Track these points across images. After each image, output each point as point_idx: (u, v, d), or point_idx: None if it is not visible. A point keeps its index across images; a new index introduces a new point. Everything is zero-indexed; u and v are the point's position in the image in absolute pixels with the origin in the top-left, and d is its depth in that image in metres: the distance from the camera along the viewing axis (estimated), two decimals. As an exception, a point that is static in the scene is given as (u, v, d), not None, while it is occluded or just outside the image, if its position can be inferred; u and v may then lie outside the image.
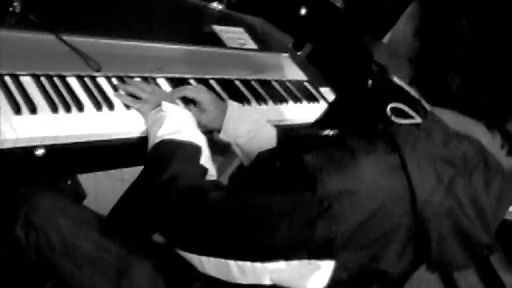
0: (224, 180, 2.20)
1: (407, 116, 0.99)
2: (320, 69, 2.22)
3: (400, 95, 1.02)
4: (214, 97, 1.50)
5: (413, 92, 1.02)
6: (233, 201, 1.04)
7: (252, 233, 1.00)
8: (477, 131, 1.01)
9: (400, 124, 0.98)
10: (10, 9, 1.41)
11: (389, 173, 0.94)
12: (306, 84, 2.05)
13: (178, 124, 1.29)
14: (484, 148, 0.99)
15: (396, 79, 1.04)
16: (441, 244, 0.98)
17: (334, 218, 0.93)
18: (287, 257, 0.98)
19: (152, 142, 1.27)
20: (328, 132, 1.06)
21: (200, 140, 1.27)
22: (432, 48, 0.99)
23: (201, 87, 1.52)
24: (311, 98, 1.97)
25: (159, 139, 1.25)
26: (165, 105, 1.34)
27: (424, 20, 1.02)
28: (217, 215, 1.05)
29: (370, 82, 1.09)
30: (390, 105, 1.00)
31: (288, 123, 1.78)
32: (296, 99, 1.91)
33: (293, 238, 0.96)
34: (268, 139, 1.48)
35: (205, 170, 1.20)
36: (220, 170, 2.26)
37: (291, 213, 0.95)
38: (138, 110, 1.38)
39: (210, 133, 1.45)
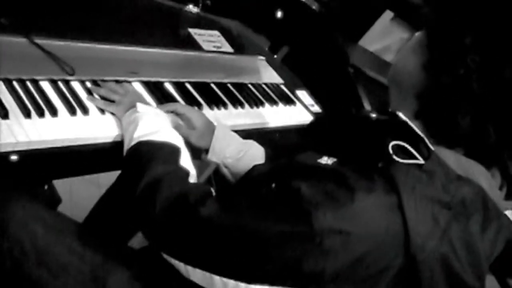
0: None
1: (409, 154, 0.97)
2: (297, 71, 2.22)
3: (404, 131, 1.00)
4: (204, 116, 1.49)
5: (417, 129, 1.00)
6: (224, 220, 1.01)
7: (239, 255, 0.98)
8: (478, 174, 1.00)
9: (402, 164, 0.96)
10: (-19, 12, 1.38)
11: (385, 214, 0.93)
12: (282, 87, 2.04)
13: (154, 125, 1.26)
14: (484, 192, 0.98)
15: (400, 114, 1.02)
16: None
17: (324, 254, 0.91)
18: (273, 282, 0.96)
19: (128, 144, 1.24)
20: (326, 160, 1.04)
21: (178, 140, 1.25)
22: (443, 83, 0.97)
23: (191, 107, 1.51)
24: (288, 101, 1.96)
25: (136, 141, 1.22)
26: (139, 106, 1.32)
27: (432, 53, 1.00)
28: (206, 231, 1.02)
29: (374, 115, 1.08)
30: (392, 143, 0.98)
31: (265, 126, 1.78)
32: (273, 102, 1.90)
33: (281, 267, 0.94)
34: (256, 159, 1.46)
35: (187, 172, 1.17)
36: (197, 173, 2.25)
37: (281, 244, 0.94)
38: (112, 112, 1.36)
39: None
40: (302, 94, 2.07)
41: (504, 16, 0.96)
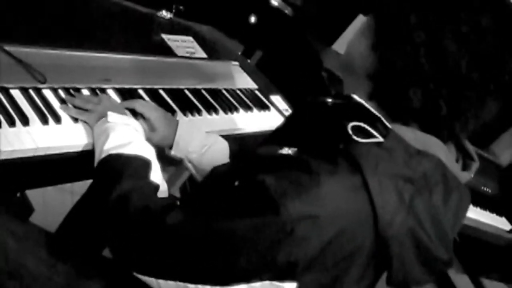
0: (175, 191, 2.18)
1: (369, 134, 0.98)
2: (270, 76, 2.22)
3: (361, 112, 1.01)
4: (164, 114, 1.46)
5: (373, 109, 1.01)
6: (192, 225, 1.00)
7: (212, 258, 0.98)
8: (436, 147, 1.01)
9: (362, 143, 0.97)
10: (-51, 19, 1.35)
11: (352, 194, 0.94)
12: (256, 92, 2.04)
13: (124, 137, 1.24)
14: (443, 164, 1.00)
15: (355, 97, 1.04)
16: (402, 263, 0.98)
17: (296, 242, 0.92)
18: (249, 280, 0.96)
19: (98, 156, 1.22)
20: (287, 150, 1.03)
21: (149, 152, 1.23)
22: (391, 62, 0.99)
23: (151, 104, 1.49)
24: (262, 106, 1.96)
25: (106, 154, 1.20)
26: (111, 115, 1.29)
27: (380, 34, 1.02)
28: (175, 240, 1.01)
29: (330, 100, 1.08)
30: (351, 124, 0.99)
31: (240, 132, 1.77)
32: (247, 108, 1.89)
33: (255, 261, 0.94)
34: (220, 153, 1.46)
35: (155, 187, 1.15)
36: (171, 181, 2.23)
37: (253, 238, 0.93)
38: (85, 121, 1.34)
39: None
40: (276, 99, 2.07)
41: None
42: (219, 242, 0.97)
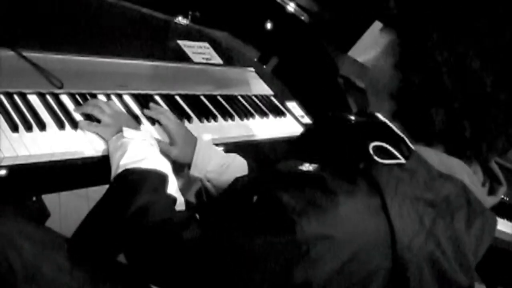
0: (191, 196, 2.18)
1: (390, 155, 0.96)
2: (286, 82, 2.21)
3: (384, 132, 0.99)
4: (185, 131, 1.48)
5: (396, 128, 0.99)
6: (208, 241, 1.00)
7: (227, 274, 0.97)
8: (460, 170, 0.99)
9: (383, 164, 0.95)
10: (-32, 25, 1.37)
11: (370, 216, 0.92)
12: (272, 98, 2.04)
13: (141, 151, 1.25)
14: (467, 188, 0.98)
15: (379, 115, 1.02)
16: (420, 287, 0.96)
17: (311, 263, 0.90)
18: None
19: (115, 171, 1.22)
20: (307, 167, 1.02)
21: (165, 166, 1.24)
22: (414, 81, 0.97)
23: (175, 119, 1.50)
24: (278, 113, 1.96)
25: (122, 168, 1.20)
26: (126, 131, 1.30)
27: (403, 53, 1.00)
28: (191, 255, 1.01)
29: (353, 117, 1.07)
30: (372, 144, 0.97)
31: (255, 138, 1.77)
32: (263, 114, 1.89)
33: (270, 280, 0.93)
34: (239, 172, 1.44)
35: (173, 200, 1.16)
36: (186, 186, 2.23)
37: (268, 256, 0.92)
38: (98, 134, 1.34)
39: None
40: (292, 105, 2.06)
41: (467, 9, 0.96)
42: (235, 259, 0.96)
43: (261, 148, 1.77)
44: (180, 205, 1.19)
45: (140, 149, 1.26)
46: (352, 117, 1.07)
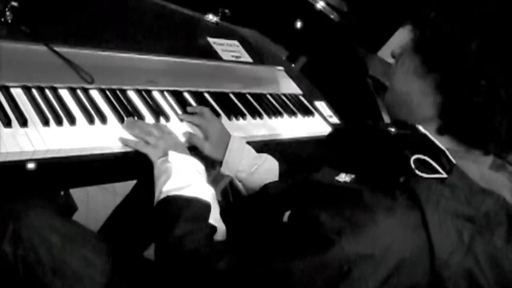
0: (217, 194, 2.18)
1: (431, 168, 0.94)
2: (315, 82, 2.20)
3: (425, 144, 0.98)
4: (220, 127, 1.48)
5: (438, 142, 0.97)
6: (245, 269, 0.98)
7: None
8: (502, 186, 0.98)
9: (424, 179, 0.93)
10: (2, 19, 1.38)
11: (409, 231, 0.90)
12: (301, 97, 2.03)
13: (185, 178, 1.22)
14: (508, 204, 0.96)
15: (420, 128, 1.00)
16: None
17: (353, 282, 0.88)
18: None
19: (157, 196, 1.20)
20: (344, 177, 1.01)
21: (209, 194, 1.21)
22: (467, 99, 0.95)
23: (211, 115, 1.51)
24: (306, 112, 1.95)
25: (165, 195, 1.18)
26: (171, 155, 1.27)
27: (444, 71, 0.97)
28: (226, 285, 0.99)
29: (393, 129, 1.05)
30: (414, 157, 0.95)
31: (283, 137, 1.76)
32: (291, 113, 1.88)
33: None
34: (270, 173, 1.45)
35: (213, 230, 1.14)
36: (213, 183, 2.24)
37: (309, 278, 0.90)
38: (146, 154, 1.32)
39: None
40: (321, 105, 2.05)
41: (507, 15, 0.94)
42: (274, 284, 0.94)
43: (289, 148, 1.77)
44: (221, 234, 1.17)
45: (184, 175, 1.23)
46: (393, 129, 1.05)
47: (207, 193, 1.20)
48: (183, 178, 1.21)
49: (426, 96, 1.00)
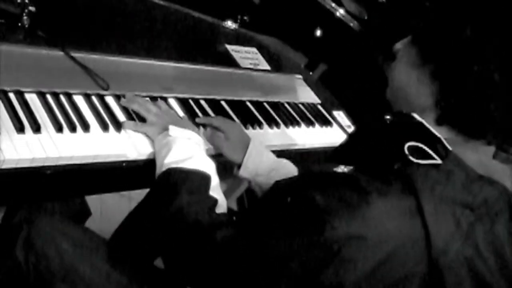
0: (232, 202, 2.16)
1: (426, 155, 0.93)
2: (334, 91, 2.18)
3: (420, 132, 0.97)
4: (239, 129, 1.48)
5: (434, 129, 0.97)
6: (240, 242, 1.00)
7: (258, 275, 0.96)
8: (501, 173, 0.96)
9: (418, 165, 0.92)
10: (19, 24, 1.37)
11: (404, 217, 0.89)
12: (319, 107, 2.00)
13: (186, 151, 1.24)
14: (508, 192, 0.94)
15: (416, 116, 0.99)
16: None
17: (343, 263, 0.88)
18: None
19: (159, 170, 1.23)
20: (342, 168, 1.00)
21: (209, 167, 1.23)
22: (461, 85, 0.94)
23: (229, 120, 1.51)
24: (324, 122, 1.92)
25: (166, 167, 1.20)
26: (172, 129, 1.29)
27: (439, 60, 0.97)
28: (223, 255, 1.01)
29: (388, 117, 1.04)
30: (408, 144, 0.94)
31: (300, 147, 1.74)
32: (309, 123, 1.86)
33: (300, 280, 0.91)
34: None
35: (214, 202, 1.15)
36: (228, 192, 2.22)
37: (300, 256, 0.91)
38: (144, 134, 1.34)
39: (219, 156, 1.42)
40: (339, 114, 2.03)
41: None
42: (266, 259, 0.95)
43: (306, 158, 1.74)
44: (221, 207, 1.17)
45: (185, 148, 1.25)
46: (388, 117, 1.04)
47: (207, 165, 1.22)
48: (184, 151, 1.24)
49: (423, 86, 0.99)
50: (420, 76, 1.00)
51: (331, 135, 1.90)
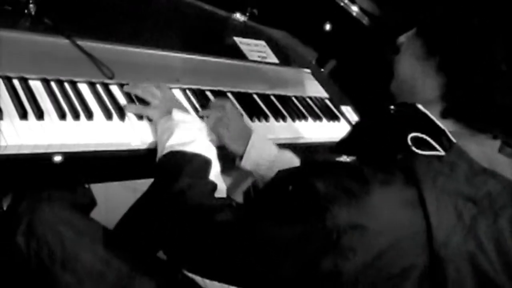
0: (238, 195, 2.15)
1: (430, 146, 0.92)
2: (343, 86, 2.17)
3: (424, 123, 0.96)
4: (242, 120, 1.48)
5: (438, 121, 0.95)
6: (239, 227, 0.99)
7: (255, 261, 0.95)
8: (505, 166, 0.95)
9: (421, 155, 0.91)
10: (25, 11, 1.37)
11: (405, 208, 0.88)
12: (327, 101, 1.99)
13: (188, 135, 1.24)
14: None
15: (420, 106, 0.98)
16: None
17: (341, 252, 0.87)
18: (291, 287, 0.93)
19: (160, 151, 1.23)
20: (345, 158, 0.99)
21: (211, 152, 1.23)
22: (469, 77, 0.93)
23: (232, 108, 1.49)
24: (332, 117, 1.92)
25: (168, 150, 1.21)
26: (175, 113, 1.30)
27: (444, 52, 0.97)
28: (221, 240, 1.00)
29: (392, 107, 1.03)
30: (411, 135, 0.93)
31: (306, 141, 1.73)
32: (316, 117, 1.85)
33: (299, 269, 0.91)
34: None
35: (214, 186, 1.15)
36: (234, 185, 2.21)
37: (298, 244, 0.90)
38: (147, 117, 1.35)
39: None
40: (347, 109, 2.02)
41: None
42: (264, 246, 0.94)
43: (311, 152, 1.73)
44: (221, 192, 1.17)
45: (187, 132, 1.25)
46: (392, 107, 1.03)
47: (209, 150, 1.23)
48: (186, 134, 1.24)
49: (428, 78, 0.99)
50: (425, 69, 0.99)
51: (338, 129, 1.89)
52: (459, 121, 0.97)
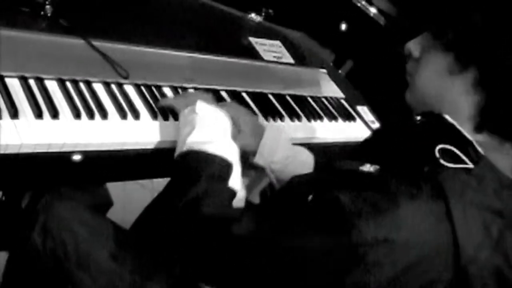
0: (255, 196, 2.15)
1: (457, 159, 0.91)
2: (359, 86, 2.16)
3: (451, 135, 0.94)
4: (253, 119, 1.43)
5: (466, 132, 0.94)
6: (259, 239, 0.96)
7: (277, 275, 0.93)
8: None
9: (449, 168, 0.89)
10: (42, 12, 1.39)
11: (432, 222, 0.86)
12: (343, 101, 1.98)
13: (210, 133, 1.19)
14: None
15: (447, 117, 0.97)
16: None
17: (368, 267, 0.85)
18: None
19: (180, 147, 1.18)
20: (368, 167, 0.97)
21: (232, 152, 1.17)
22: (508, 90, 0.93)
23: (239, 106, 1.47)
24: (348, 117, 1.91)
25: (188, 147, 1.16)
26: (199, 105, 1.24)
27: (482, 66, 0.95)
28: (239, 252, 0.97)
29: (419, 118, 1.01)
30: (439, 146, 0.91)
31: (321, 141, 1.73)
32: (332, 117, 1.85)
33: (323, 283, 0.89)
34: (305, 166, 1.41)
35: (232, 194, 1.10)
36: (251, 185, 2.21)
37: (322, 258, 0.89)
38: (173, 105, 1.35)
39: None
40: (363, 110, 2.01)
41: None
42: (286, 259, 0.92)
43: (327, 152, 1.73)
44: (240, 200, 1.13)
45: (210, 129, 1.21)
46: (418, 118, 1.01)
47: (231, 151, 1.17)
48: (208, 132, 1.19)
49: (463, 95, 0.97)
50: (459, 85, 0.97)
51: (354, 130, 1.88)
52: (493, 133, 0.96)
